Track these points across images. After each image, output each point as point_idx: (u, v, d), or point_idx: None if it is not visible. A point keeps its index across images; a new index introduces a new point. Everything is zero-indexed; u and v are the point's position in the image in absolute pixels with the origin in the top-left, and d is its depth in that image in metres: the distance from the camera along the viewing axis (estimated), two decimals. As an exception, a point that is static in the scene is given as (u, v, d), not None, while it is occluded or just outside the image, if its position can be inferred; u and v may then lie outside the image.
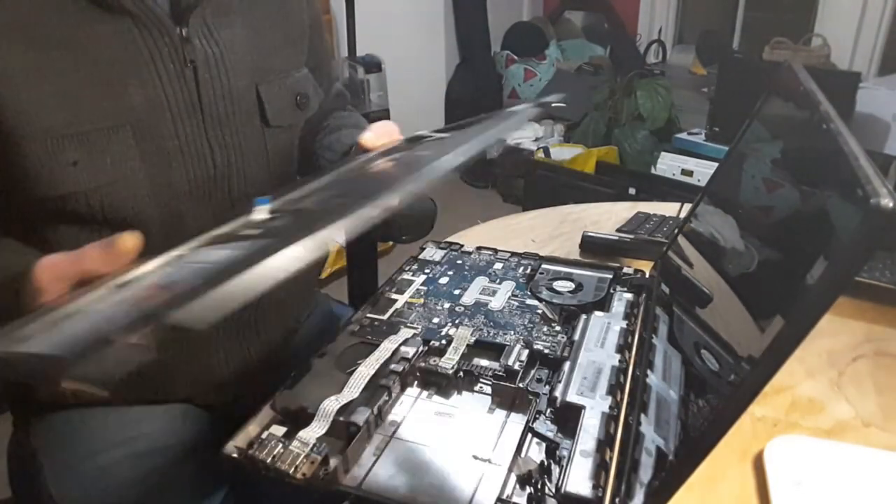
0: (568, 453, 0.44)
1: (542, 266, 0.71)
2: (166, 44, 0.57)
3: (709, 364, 0.47)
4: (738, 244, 0.55)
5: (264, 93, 0.65)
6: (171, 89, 0.58)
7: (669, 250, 0.69)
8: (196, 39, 0.59)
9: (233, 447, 0.44)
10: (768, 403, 0.56)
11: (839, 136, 0.40)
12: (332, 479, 0.41)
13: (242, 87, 0.63)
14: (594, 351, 0.55)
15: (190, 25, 0.58)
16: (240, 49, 0.63)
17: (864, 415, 0.55)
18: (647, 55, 3.37)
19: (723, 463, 0.49)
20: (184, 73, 0.59)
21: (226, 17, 0.62)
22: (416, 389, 0.52)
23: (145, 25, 0.56)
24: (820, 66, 2.64)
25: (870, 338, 0.66)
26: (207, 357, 0.69)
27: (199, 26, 0.59)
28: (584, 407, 0.48)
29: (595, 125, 2.81)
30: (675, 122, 2.77)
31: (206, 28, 0.60)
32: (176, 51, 0.58)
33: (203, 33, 0.60)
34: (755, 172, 0.60)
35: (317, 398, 0.47)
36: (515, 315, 0.61)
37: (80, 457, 0.66)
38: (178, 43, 0.58)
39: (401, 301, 0.63)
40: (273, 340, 0.75)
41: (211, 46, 0.60)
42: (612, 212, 0.98)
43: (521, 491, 0.42)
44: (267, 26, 0.66)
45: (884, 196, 0.30)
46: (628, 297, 0.65)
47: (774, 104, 0.60)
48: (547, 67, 3.38)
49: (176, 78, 0.58)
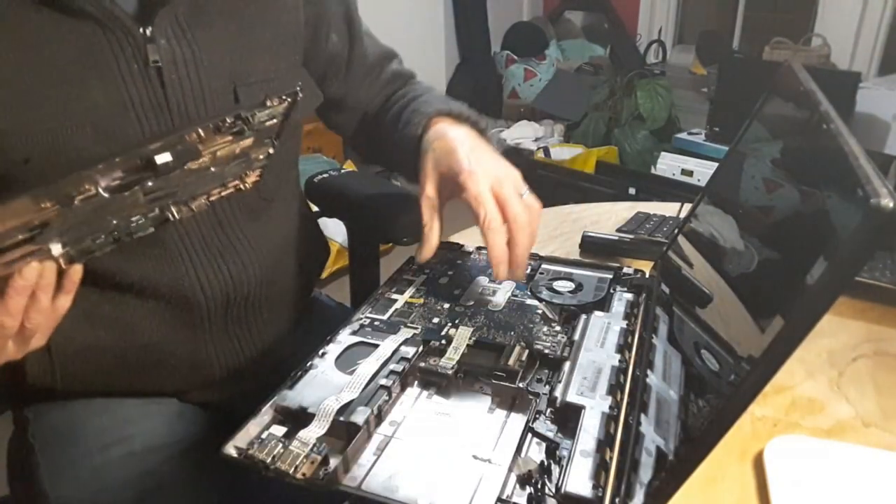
0: (568, 453, 0.44)
1: (542, 266, 0.71)
2: (129, 44, 0.57)
3: (709, 364, 0.47)
4: (738, 244, 0.55)
5: (243, 94, 0.64)
6: (134, 89, 0.58)
7: (669, 250, 0.69)
8: (163, 39, 0.58)
9: (233, 447, 0.44)
10: (768, 403, 0.56)
11: (839, 136, 0.40)
12: (332, 479, 0.41)
13: (217, 88, 0.62)
14: (594, 351, 0.55)
15: (155, 25, 0.58)
16: (218, 49, 0.62)
17: (864, 415, 0.55)
18: (647, 55, 3.37)
19: (723, 463, 0.49)
20: (147, 73, 0.58)
21: (204, 16, 0.61)
22: (416, 389, 0.52)
23: (107, 26, 0.55)
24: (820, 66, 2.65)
25: (870, 338, 0.66)
26: (196, 352, 0.69)
27: (167, 26, 0.59)
28: (584, 407, 0.48)
29: (595, 125, 2.81)
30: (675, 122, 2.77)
31: (179, 27, 0.59)
32: (139, 50, 0.57)
33: (173, 33, 0.59)
34: (755, 172, 0.60)
35: (317, 398, 0.47)
36: (515, 315, 0.61)
37: (77, 455, 0.66)
38: (140, 43, 0.57)
39: (401, 301, 0.63)
40: (266, 339, 0.74)
41: (182, 46, 0.59)
42: (612, 212, 0.98)
43: (521, 491, 0.42)
44: (253, 26, 0.65)
45: (884, 196, 0.30)
46: (628, 297, 0.65)
47: (774, 104, 0.60)
48: (547, 67, 3.39)
49: (140, 78, 0.58)
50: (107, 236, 0.48)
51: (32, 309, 0.45)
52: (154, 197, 0.47)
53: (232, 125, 0.46)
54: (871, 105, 2.23)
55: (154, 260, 0.63)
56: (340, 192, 0.99)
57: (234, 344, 0.71)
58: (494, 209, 0.59)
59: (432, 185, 0.64)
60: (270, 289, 0.72)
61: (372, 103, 0.83)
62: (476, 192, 0.59)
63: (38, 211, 0.39)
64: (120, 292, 0.64)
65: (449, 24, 3.30)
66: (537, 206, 0.61)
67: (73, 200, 0.41)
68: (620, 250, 0.80)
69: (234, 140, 0.48)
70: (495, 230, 0.58)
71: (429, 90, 0.81)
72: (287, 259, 0.76)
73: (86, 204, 0.42)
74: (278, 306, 0.75)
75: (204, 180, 0.50)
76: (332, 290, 1.01)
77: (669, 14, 3.50)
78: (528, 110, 3.31)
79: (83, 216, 0.43)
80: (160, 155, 0.42)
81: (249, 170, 0.54)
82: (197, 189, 0.51)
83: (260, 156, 0.53)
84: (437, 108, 0.71)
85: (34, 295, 0.45)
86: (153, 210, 0.49)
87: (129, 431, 0.67)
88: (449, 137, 0.65)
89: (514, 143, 3.04)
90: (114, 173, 0.42)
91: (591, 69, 3.26)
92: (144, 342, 0.66)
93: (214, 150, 0.47)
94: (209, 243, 0.66)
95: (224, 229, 0.67)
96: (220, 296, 0.67)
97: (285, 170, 0.74)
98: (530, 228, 0.59)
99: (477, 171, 0.60)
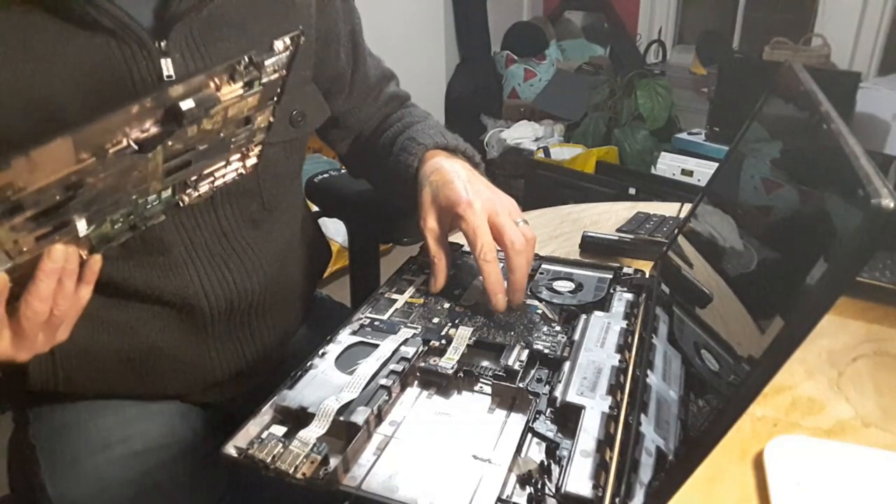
0: (568, 453, 0.44)
1: (542, 266, 0.71)
2: (144, 57, 0.57)
3: (709, 364, 0.47)
4: (738, 244, 0.55)
5: None
6: None
7: (669, 250, 0.69)
8: (177, 53, 0.58)
9: (232, 447, 0.44)
10: (768, 403, 0.56)
11: (839, 136, 0.40)
12: (332, 479, 0.41)
13: None
14: (594, 351, 0.55)
15: (170, 39, 0.58)
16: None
17: (864, 415, 0.55)
18: (647, 55, 3.37)
19: (723, 463, 0.49)
20: (161, 87, 0.58)
21: (217, 30, 0.61)
22: (416, 389, 0.52)
23: (122, 39, 0.55)
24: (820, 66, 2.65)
25: (870, 338, 0.66)
26: (199, 356, 0.69)
27: (181, 40, 0.59)
28: (584, 407, 0.48)
29: (595, 125, 2.81)
30: (675, 122, 2.77)
31: (193, 42, 0.59)
32: (153, 64, 0.57)
33: (187, 47, 0.59)
34: (755, 172, 0.60)
35: (317, 398, 0.47)
36: (515, 315, 0.61)
37: (78, 455, 0.66)
38: (155, 56, 0.57)
39: (401, 301, 0.63)
40: (269, 342, 0.74)
41: (195, 60, 0.59)
42: (612, 212, 0.98)
43: (521, 491, 0.42)
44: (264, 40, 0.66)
45: (884, 196, 0.30)
46: (628, 297, 0.65)
47: (774, 104, 0.60)
48: (547, 67, 3.38)
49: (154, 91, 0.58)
50: (125, 220, 0.49)
51: (59, 295, 0.46)
52: (170, 168, 0.49)
53: (246, 70, 0.47)
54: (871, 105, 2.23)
55: (159, 268, 0.64)
56: (340, 192, 0.99)
57: (236, 347, 0.72)
58: (490, 241, 0.60)
59: (433, 218, 0.65)
60: (274, 294, 0.72)
61: (368, 124, 0.84)
62: (474, 224, 0.60)
63: (76, 163, 0.40)
64: (125, 298, 0.64)
65: (449, 24, 3.30)
66: (532, 236, 0.62)
67: (107, 152, 0.42)
68: (620, 250, 0.80)
69: (243, 96, 0.49)
70: (491, 261, 0.59)
71: (425, 117, 0.83)
72: (290, 264, 0.76)
73: (116, 161, 0.43)
74: (281, 310, 0.75)
75: (213, 149, 0.51)
76: (333, 290, 1.01)
77: (669, 14, 3.50)
78: (528, 110, 3.31)
79: (109, 182, 0.44)
80: (185, 101, 0.44)
81: (252, 142, 0.55)
82: (206, 160, 0.52)
83: (262, 124, 0.54)
84: (436, 142, 0.72)
85: (60, 281, 0.45)
86: (167, 188, 0.50)
87: (130, 431, 0.67)
88: (445, 170, 0.66)
89: (514, 143, 3.04)
90: (142, 120, 0.43)
91: (591, 69, 3.26)
92: (148, 347, 0.66)
93: (226, 107, 0.48)
94: (213, 252, 0.66)
95: (228, 238, 0.67)
96: (224, 303, 0.67)
97: (289, 180, 0.75)
98: (526, 254, 0.60)
99: (474, 201, 0.61)
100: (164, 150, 0.46)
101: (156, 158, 0.46)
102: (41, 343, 0.48)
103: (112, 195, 0.46)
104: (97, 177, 0.43)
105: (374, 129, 0.84)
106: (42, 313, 0.45)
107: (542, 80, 3.34)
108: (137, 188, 0.48)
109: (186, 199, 0.54)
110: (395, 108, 0.86)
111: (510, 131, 3.13)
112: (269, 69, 0.49)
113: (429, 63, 3.32)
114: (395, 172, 0.73)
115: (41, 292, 0.44)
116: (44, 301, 0.45)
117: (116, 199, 0.47)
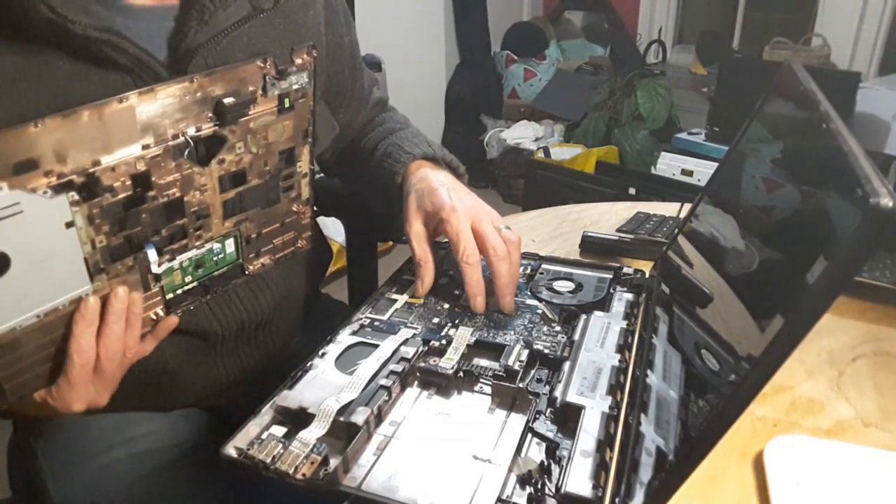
0: (568, 453, 0.44)
1: (542, 266, 0.71)
2: None
3: (709, 364, 0.47)
4: (738, 244, 0.55)
5: None
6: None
7: (669, 250, 0.69)
8: None
9: (232, 447, 0.44)
10: (768, 403, 0.56)
11: (839, 136, 0.40)
12: (332, 479, 0.41)
13: None
14: (594, 351, 0.55)
15: (188, 73, 0.57)
16: None
17: (864, 415, 0.55)
18: (647, 55, 3.37)
19: (723, 463, 0.49)
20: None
21: (231, 59, 0.60)
22: (416, 389, 0.52)
23: (138, 75, 0.55)
24: (820, 66, 2.64)
25: (870, 338, 0.65)
26: (207, 373, 0.70)
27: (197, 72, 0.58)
28: (584, 407, 0.48)
29: (595, 125, 2.81)
30: (675, 122, 2.77)
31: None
32: None
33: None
34: (755, 172, 0.60)
35: (317, 398, 0.47)
36: (515, 315, 0.61)
37: (80, 457, 0.66)
38: None
39: (401, 301, 0.63)
40: (273, 350, 0.75)
41: None
42: (612, 212, 0.98)
43: (521, 491, 0.42)
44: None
45: (884, 196, 0.30)
46: (628, 297, 0.65)
47: (774, 104, 0.60)
48: (547, 67, 3.38)
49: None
50: (193, 272, 0.52)
51: (131, 337, 0.48)
52: (227, 200, 0.51)
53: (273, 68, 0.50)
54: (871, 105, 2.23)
55: None
56: (338, 191, 0.99)
57: (242, 360, 0.73)
58: (473, 245, 0.61)
59: (419, 222, 0.66)
60: (281, 308, 0.73)
61: (353, 129, 0.85)
62: (457, 228, 0.61)
63: (140, 146, 0.43)
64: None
65: (449, 24, 3.30)
66: (516, 239, 0.63)
67: (167, 142, 0.44)
68: (620, 250, 0.80)
69: (277, 114, 0.51)
70: (473, 265, 0.60)
71: (406, 123, 0.84)
72: (296, 279, 0.76)
73: (175, 165, 0.45)
74: (286, 320, 0.76)
75: (262, 188, 0.54)
76: (333, 289, 1.01)
77: (669, 14, 3.50)
78: (528, 110, 3.31)
79: (173, 196, 0.47)
80: (227, 99, 0.47)
81: (300, 198, 0.59)
82: (259, 208, 0.55)
83: (303, 169, 0.57)
84: (423, 151, 0.73)
85: (131, 324, 0.48)
86: (230, 237, 0.53)
87: (131, 433, 0.67)
88: (430, 179, 0.68)
89: (514, 143, 3.04)
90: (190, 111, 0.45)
91: (591, 69, 3.26)
92: (160, 370, 0.67)
93: (265, 126, 0.51)
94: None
95: None
96: (234, 325, 0.68)
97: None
98: (510, 259, 0.61)
99: (458, 207, 0.63)
100: (218, 167, 0.49)
101: (212, 175, 0.48)
102: (93, 395, 0.49)
103: (176, 212, 0.48)
104: (160, 175, 0.45)
105: (357, 132, 0.85)
106: (116, 352, 0.47)
107: (542, 80, 3.33)
108: (200, 216, 0.49)
109: (251, 268, 0.57)
110: (377, 112, 0.87)
111: (510, 131, 3.13)
112: (293, 81, 0.51)
113: (429, 63, 3.32)
114: (378, 177, 0.74)
115: (115, 333, 0.46)
116: (118, 340, 0.47)
117: (182, 227, 0.49)
